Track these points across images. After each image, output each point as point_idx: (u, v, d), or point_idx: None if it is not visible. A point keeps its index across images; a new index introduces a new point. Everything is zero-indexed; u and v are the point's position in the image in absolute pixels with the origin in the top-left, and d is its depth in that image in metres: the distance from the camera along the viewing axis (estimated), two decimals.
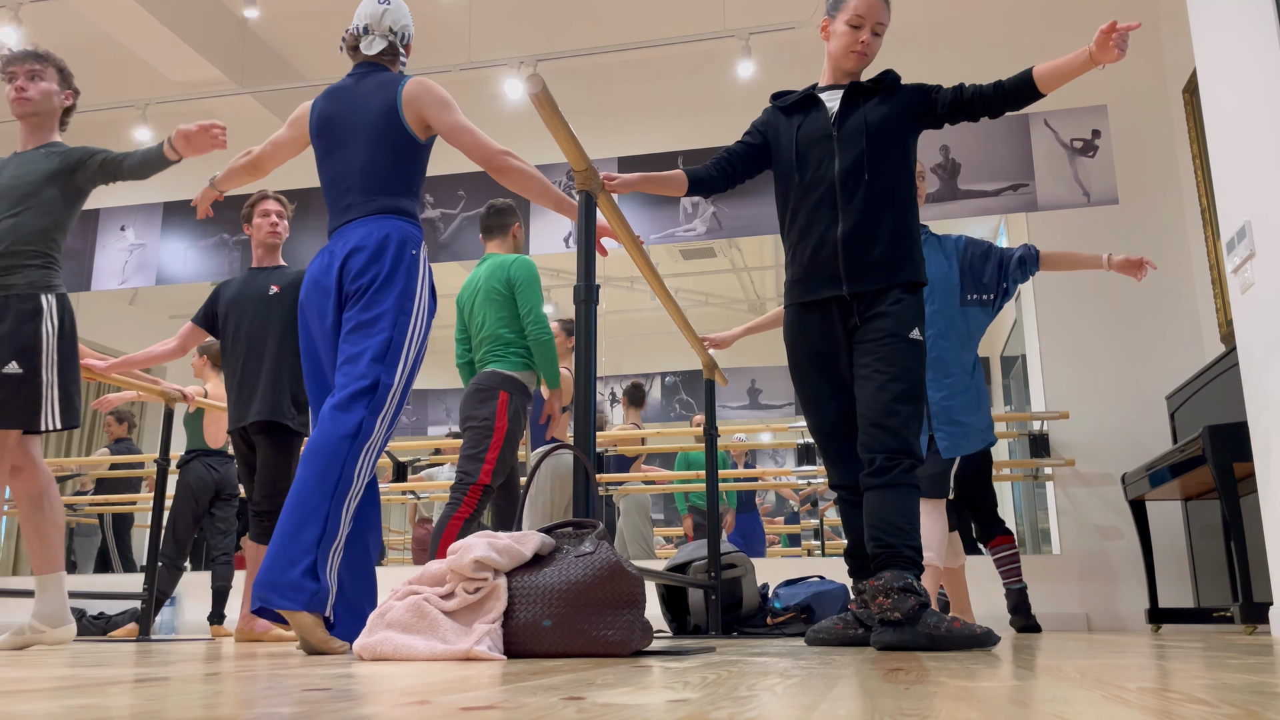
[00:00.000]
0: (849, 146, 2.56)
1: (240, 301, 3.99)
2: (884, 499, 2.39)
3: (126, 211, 7.27)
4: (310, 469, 2.34)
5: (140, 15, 6.22)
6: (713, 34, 6.10)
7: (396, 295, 2.51)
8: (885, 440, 2.41)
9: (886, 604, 2.29)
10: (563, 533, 2.05)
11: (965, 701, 0.93)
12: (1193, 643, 2.72)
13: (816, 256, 2.56)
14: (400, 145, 2.63)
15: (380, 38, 2.73)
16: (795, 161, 2.62)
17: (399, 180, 2.63)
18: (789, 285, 2.65)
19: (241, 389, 3.94)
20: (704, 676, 1.28)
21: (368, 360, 2.45)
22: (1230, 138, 3.34)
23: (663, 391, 10.05)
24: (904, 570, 2.33)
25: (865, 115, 2.58)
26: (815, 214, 2.57)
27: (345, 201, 2.63)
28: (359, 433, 2.39)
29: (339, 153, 2.66)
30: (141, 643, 3.84)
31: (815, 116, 2.65)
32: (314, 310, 2.63)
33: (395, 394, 2.49)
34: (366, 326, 2.49)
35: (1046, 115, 6.04)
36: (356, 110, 2.65)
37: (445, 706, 0.87)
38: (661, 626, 5.25)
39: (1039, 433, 5.77)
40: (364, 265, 2.52)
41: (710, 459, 4.15)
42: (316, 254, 2.70)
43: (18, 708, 0.86)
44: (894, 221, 2.54)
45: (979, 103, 2.54)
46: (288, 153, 2.87)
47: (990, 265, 3.55)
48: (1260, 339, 3.17)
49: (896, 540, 2.35)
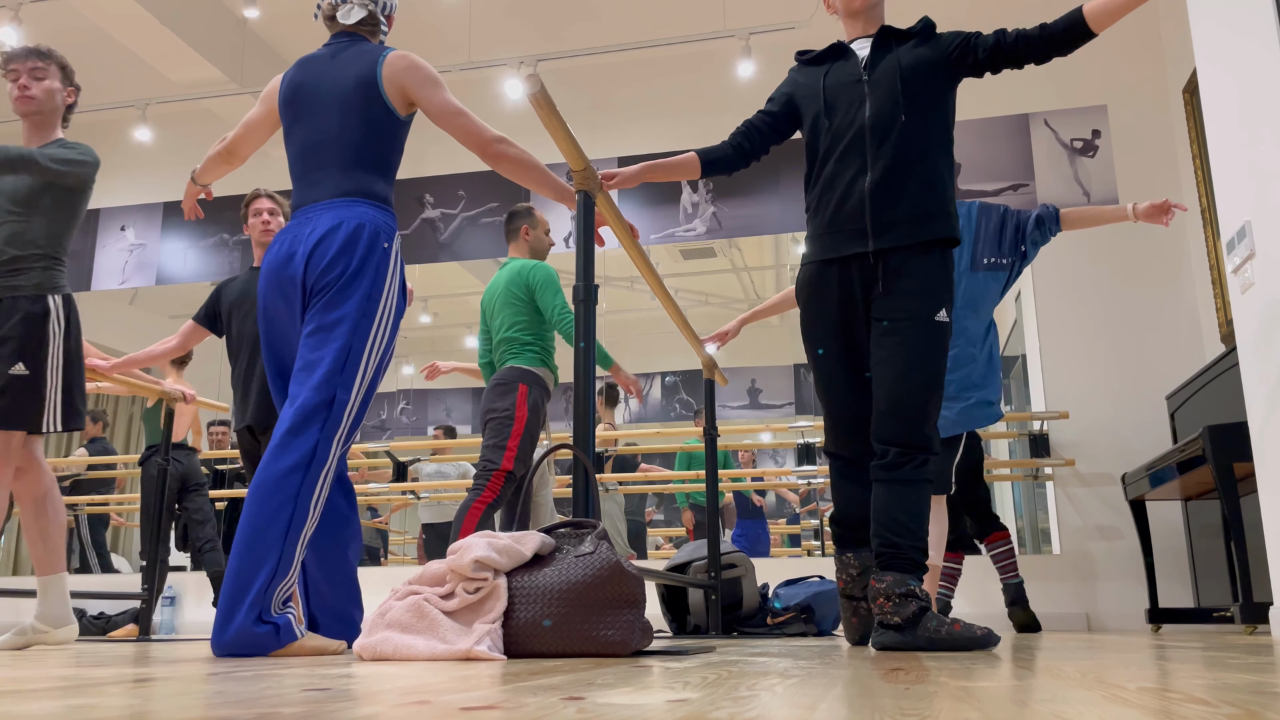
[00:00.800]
0: (880, 91, 2.42)
1: (243, 302, 3.99)
2: (895, 495, 2.31)
3: (127, 211, 7.27)
4: (263, 508, 2.17)
5: (140, 15, 6.22)
6: (713, 34, 6.10)
7: (360, 297, 2.31)
8: (900, 433, 2.31)
9: (888, 607, 2.27)
10: (562, 533, 2.05)
11: (965, 701, 0.93)
12: (1193, 643, 2.72)
13: (841, 209, 2.41)
14: (377, 119, 2.42)
15: (359, 6, 2.53)
16: (824, 108, 2.47)
17: (374, 158, 2.42)
18: (810, 240, 2.49)
19: (246, 388, 3.94)
20: (704, 676, 1.28)
21: (323, 373, 2.27)
22: (1230, 138, 3.34)
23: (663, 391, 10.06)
24: (907, 574, 2.28)
25: (899, 59, 2.44)
26: (843, 163, 2.42)
27: (314, 176, 2.41)
28: (312, 461, 2.22)
29: (308, 122, 2.44)
30: (141, 642, 3.84)
31: (845, 64, 2.51)
32: (278, 307, 2.42)
33: (352, 410, 2.31)
34: (325, 331, 2.30)
35: (1046, 115, 6.04)
36: (330, 78, 2.44)
37: (445, 706, 0.87)
38: (661, 626, 5.25)
39: (1039, 433, 5.77)
40: (332, 259, 2.31)
41: (710, 459, 4.15)
42: (275, 236, 2.48)
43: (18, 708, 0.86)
44: (926, 173, 2.38)
45: (1023, 46, 2.37)
46: (263, 133, 2.66)
47: (1009, 228, 3.37)
48: (1260, 339, 3.17)
49: (903, 541, 2.30)
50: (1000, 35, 2.40)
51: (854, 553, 2.55)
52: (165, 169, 7.80)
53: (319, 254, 2.32)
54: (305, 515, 2.21)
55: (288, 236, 2.40)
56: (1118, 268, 5.82)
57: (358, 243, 2.33)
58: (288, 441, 2.22)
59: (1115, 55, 6.15)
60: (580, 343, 2.38)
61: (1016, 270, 3.40)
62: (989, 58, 2.41)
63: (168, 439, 4.61)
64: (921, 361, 2.33)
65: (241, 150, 2.71)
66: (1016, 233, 3.38)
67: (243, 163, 2.81)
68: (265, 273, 2.42)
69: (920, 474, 2.32)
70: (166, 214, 7.20)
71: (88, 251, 7.23)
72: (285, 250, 2.39)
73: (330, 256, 2.31)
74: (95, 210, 7.30)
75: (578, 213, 2.50)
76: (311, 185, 2.42)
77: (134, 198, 7.73)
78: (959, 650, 2.20)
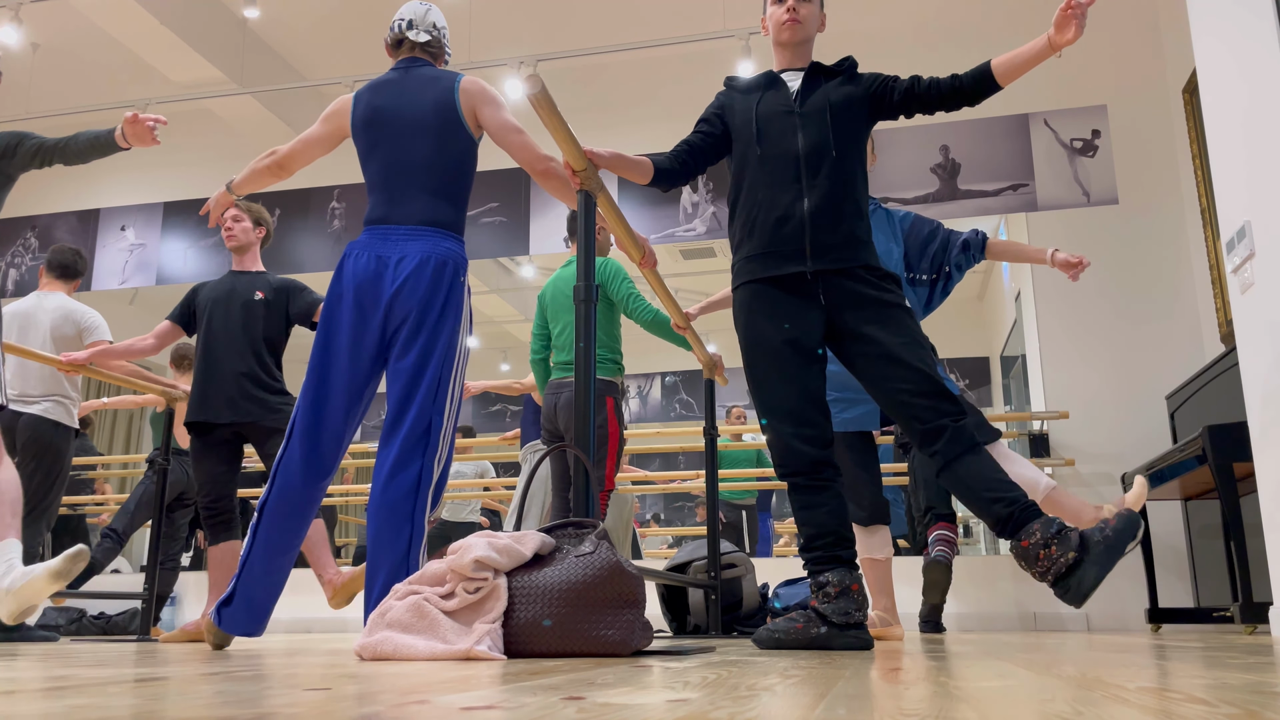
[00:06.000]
0: (812, 124, 2.51)
1: (223, 302, 3.96)
2: (981, 460, 2.31)
3: (127, 211, 7.28)
4: (385, 530, 2.42)
5: (140, 15, 6.22)
6: (713, 34, 6.10)
7: (448, 332, 2.52)
8: (946, 405, 2.34)
9: (1054, 553, 2.20)
10: (563, 533, 2.05)
11: (965, 701, 0.93)
12: (1192, 643, 2.72)
13: (780, 231, 2.47)
14: (456, 141, 2.62)
15: (425, 30, 2.75)
16: (756, 135, 2.55)
17: (454, 184, 2.62)
18: (744, 261, 2.52)
19: (210, 385, 3.87)
20: (704, 676, 1.28)
21: (420, 403, 2.48)
22: (1230, 138, 3.34)
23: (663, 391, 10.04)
24: (1043, 516, 2.25)
25: (827, 95, 2.54)
26: (778, 188, 2.49)
27: (400, 196, 2.58)
28: (419, 484, 2.46)
29: (392, 145, 2.62)
30: (141, 642, 3.84)
31: (776, 94, 2.59)
32: (351, 319, 2.54)
33: (446, 434, 2.53)
34: (419, 364, 2.50)
35: (1046, 115, 6.04)
36: (409, 103, 2.63)
37: (445, 706, 0.87)
38: (661, 626, 5.25)
39: (1039, 433, 5.77)
40: (423, 294, 2.50)
41: (710, 459, 4.15)
42: (353, 247, 2.56)
43: (17, 708, 0.86)
44: (854, 202, 2.49)
45: (934, 94, 2.50)
46: (318, 150, 2.81)
47: (934, 245, 3.40)
48: (1260, 339, 3.17)
49: (1017, 493, 2.28)
50: (914, 81, 2.54)
51: (832, 570, 2.42)
52: (165, 169, 7.80)
53: (410, 286, 2.51)
54: (422, 531, 2.46)
55: (372, 253, 2.54)
56: (1117, 268, 5.82)
57: (443, 279, 2.53)
58: (397, 474, 2.45)
59: (1115, 55, 6.15)
60: (580, 343, 2.38)
61: (940, 289, 3.40)
62: (903, 100, 2.55)
63: (168, 440, 4.61)
64: (921, 339, 2.42)
65: (293, 165, 2.85)
66: (943, 251, 3.40)
67: (289, 176, 2.92)
68: (348, 285, 2.54)
69: (973, 435, 2.35)
70: (167, 214, 7.20)
71: (87, 251, 7.23)
72: (372, 268, 2.54)
73: (422, 293, 2.51)
74: (95, 210, 7.30)
75: (579, 212, 2.51)
76: (396, 204, 2.59)
77: (134, 198, 7.73)
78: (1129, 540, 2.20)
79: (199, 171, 7.72)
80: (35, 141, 3.03)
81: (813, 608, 2.43)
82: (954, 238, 3.41)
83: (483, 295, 10.22)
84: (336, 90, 7.80)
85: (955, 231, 3.43)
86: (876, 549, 3.40)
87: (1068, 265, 3.39)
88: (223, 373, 3.85)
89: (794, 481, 2.47)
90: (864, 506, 3.34)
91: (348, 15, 6.96)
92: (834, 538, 2.44)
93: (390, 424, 2.50)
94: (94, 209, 7.33)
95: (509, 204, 6.75)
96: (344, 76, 7.30)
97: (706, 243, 6.88)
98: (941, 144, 6.03)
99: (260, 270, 4.09)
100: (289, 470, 2.52)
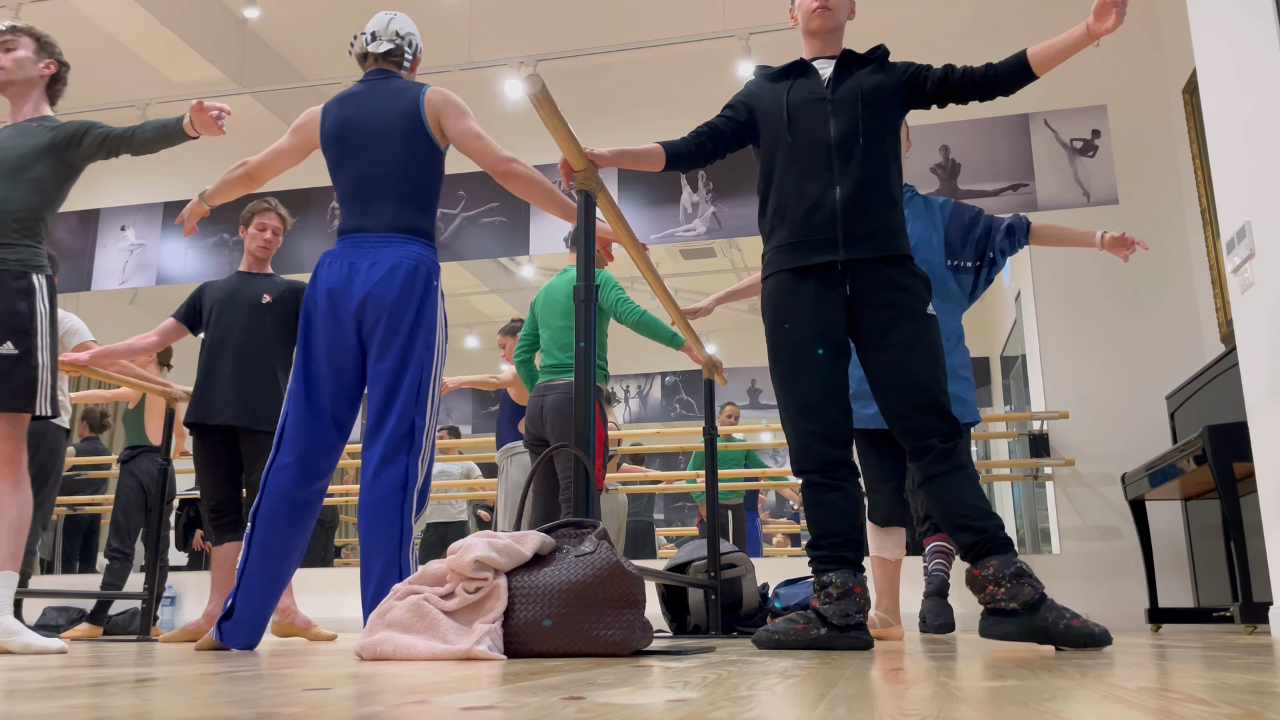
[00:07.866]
0: (843, 112, 2.48)
1: (230, 303, 3.95)
2: (960, 482, 2.29)
3: (127, 211, 7.27)
4: (376, 530, 2.47)
5: (140, 15, 6.22)
6: (713, 34, 6.10)
7: (424, 334, 2.58)
8: (938, 423, 2.32)
9: (1000, 592, 2.19)
10: (563, 533, 2.05)
11: (965, 701, 0.93)
12: (1192, 643, 2.72)
13: (811, 219, 2.44)
14: (423, 151, 2.67)
15: (387, 40, 2.80)
16: (786, 123, 2.51)
17: (422, 192, 2.67)
18: (774, 250, 2.49)
19: (217, 387, 3.86)
20: (704, 676, 1.28)
21: (401, 404, 2.54)
22: (1230, 138, 3.34)
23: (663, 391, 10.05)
24: (1010, 554, 2.23)
25: (859, 82, 2.51)
26: (809, 177, 2.45)
27: (369, 205, 2.63)
28: (406, 482, 2.51)
29: (359, 157, 2.67)
30: (141, 642, 3.85)
31: (807, 82, 2.55)
32: (327, 324, 2.60)
33: (429, 433, 2.58)
34: (398, 366, 2.55)
35: (1046, 115, 6.04)
36: (376, 115, 2.68)
37: (445, 706, 0.87)
38: (661, 626, 5.25)
39: (1039, 433, 5.77)
40: (395, 297, 2.55)
41: (710, 459, 4.15)
42: (327, 256, 2.63)
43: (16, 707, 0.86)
44: (886, 191, 2.45)
45: (969, 84, 2.46)
46: (288, 161, 2.86)
47: (977, 231, 3.35)
48: (1260, 339, 3.17)
49: (989, 524, 2.26)
50: (948, 70, 2.49)
51: (836, 571, 2.42)
52: (165, 169, 7.80)
53: (380, 292, 2.56)
54: (410, 529, 2.51)
55: (344, 260, 2.61)
56: (1118, 268, 5.82)
57: (415, 283, 2.59)
58: (382, 472, 2.50)
59: (1115, 55, 6.15)
60: (580, 342, 2.39)
61: (984, 276, 3.36)
62: (936, 90, 2.50)
63: (168, 440, 4.62)
64: (933, 349, 2.38)
65: (263, 176, 2.89)
66: (986, 237, 3.36)
67: (260, 186, 2.96)
68: (322, 293, 2.61)
69: (965, 456, 2.34)
70: (167, 214, 7.19)
71: (87, 251, 7.23)
72: (344, 274, 2.60)
73: (394, 295, 2.56)
74: (95, 210, 7.30)
75: (579, 212, 2.51)
76: (367, 214, 2.65)
77: (134, 198, 7.73)
78: (1074, 647, 2.12)
79: (199, 171, 7.71)
80: (102, 131, 2.97)
81: (813, 608, 2.42)
82: (997, 223, 3.36)
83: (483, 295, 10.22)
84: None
85: (998, 217, 3.39)
86: (889, 549, 3.36)
87: (1119, 245, 3.34)
88: (225, 374, 3.86)
89: (808, 479, 2.45)
90: (882, 505, 3.32)
91: (347, 15, 6.96)
92: (841, 538, 2.42)
93: (373, 425, 2.55)
94: (94, 209, 7.33)
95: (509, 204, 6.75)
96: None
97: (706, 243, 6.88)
98: (941, 144, 6.03)
99: (269, 273, 4.09)
100: (278, 476, 2.56)
